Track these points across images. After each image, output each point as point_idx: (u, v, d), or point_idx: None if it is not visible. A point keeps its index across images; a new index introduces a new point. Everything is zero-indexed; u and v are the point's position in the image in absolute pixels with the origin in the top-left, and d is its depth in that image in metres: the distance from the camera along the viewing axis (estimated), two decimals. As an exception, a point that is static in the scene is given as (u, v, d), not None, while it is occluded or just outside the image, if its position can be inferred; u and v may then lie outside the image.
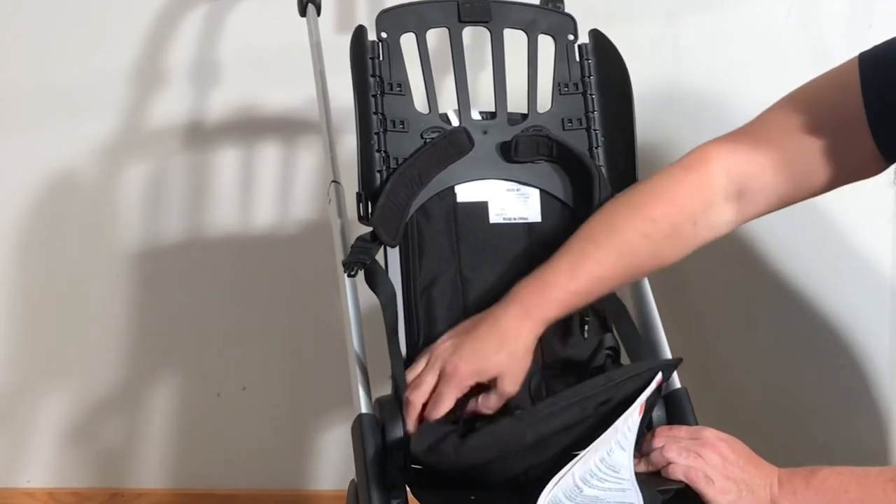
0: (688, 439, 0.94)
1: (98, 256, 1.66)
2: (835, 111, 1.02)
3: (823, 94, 1.05)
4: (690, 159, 1.06)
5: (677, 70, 1.51)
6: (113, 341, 1.68)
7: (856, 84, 1.00)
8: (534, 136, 1.09)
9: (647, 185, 1.05)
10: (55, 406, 1.71)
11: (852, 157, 1.01)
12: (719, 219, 1.04)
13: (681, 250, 1.04)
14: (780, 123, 1.04)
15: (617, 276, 1.01)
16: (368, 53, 1.08)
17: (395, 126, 1.07)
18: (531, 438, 0.88)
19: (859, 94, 0.99)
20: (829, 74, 1.05)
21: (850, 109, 1.00)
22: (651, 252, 1.02)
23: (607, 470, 0.88)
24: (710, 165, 1.04)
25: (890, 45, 1.01)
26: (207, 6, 1.56)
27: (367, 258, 0.99)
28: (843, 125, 1.01)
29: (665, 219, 1.02)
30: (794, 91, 1.06)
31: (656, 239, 1.02)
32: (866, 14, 1.45)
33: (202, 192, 1.62)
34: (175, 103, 1.60)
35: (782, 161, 1.02)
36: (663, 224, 1.02)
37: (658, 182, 1.04)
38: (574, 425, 0.90)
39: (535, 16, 1.14)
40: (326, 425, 1.68)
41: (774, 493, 0.91)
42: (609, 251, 1.00)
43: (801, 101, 1.05)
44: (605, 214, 1.04)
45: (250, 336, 1.66)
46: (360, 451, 0.92)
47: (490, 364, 0.95)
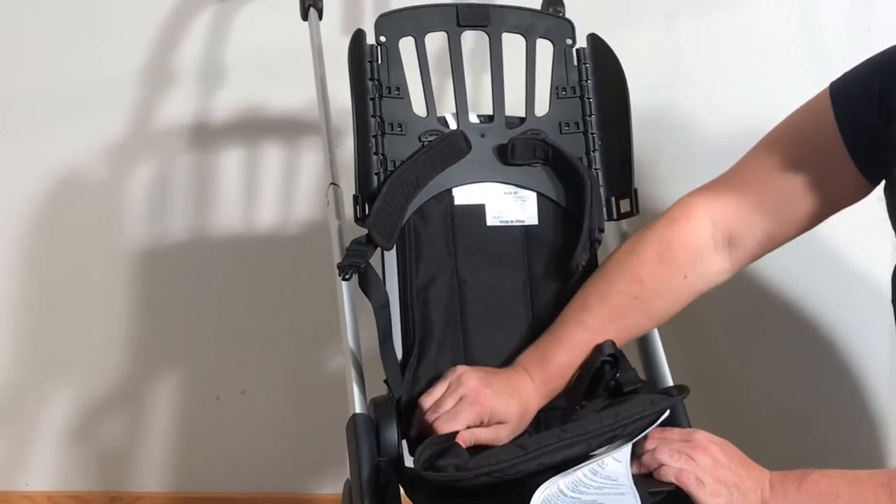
0: (680, 442, 0.94)
1: (100, 257, 1.66)
2: (812, 144, 1.03)
3: (799, 129, 1.06)
4: (674, 212, 1.07)
5: (676, 73, 1.51)
6: (113, 342, 1.68)
7: (828, 114, 1.02)
8: (530, 140, 1.10)
9: (635, 243, 1.06)
10: (55, 408, 1.71)
11: (837, 185, 1.02)
12: (711, 268, 1.05)
13: (673, 305, 1.05)
14: (759, 165, 1.06)
15: (615, 339, 1.02)
16: (367, 57, 1.08)
17: (392, 129, 1.07)
18: (533, 468, 0.88)
19: (834, 124, 1.01)
20: (801, 109, 1.07)
21: (827, 139, 1.01)
22: (643, 312, 1.04)
23: (604, 480, 0.89)
24: (694, 216, 1.05)
25: (857, 71, 1.03)
26: (213, 9, 1.56)
27: (362, 262, 0.99)
28: (823, 156, 1.02)
29: (653, 277, 1.03)
30: (770, 132, 1.08)
31: (646, 299, 1.03)
32: (866, 17, 1.45)
33: (206, 193, 1.63)
34: (180, 104, 1.60)
35: (766, 201, 1.04)
36: (652, 283, 1.03)
37: (644, 239, 1.06)
38: (577, 459, 0.90)
39: (534, 20, 1.15)
40: (326, 429, 1.67)
41: (766, 497, 0.91)
42: (602, 318, 1.02)
43: (778, 140, 1.06)
44: (598, 277, 1.06)
45: (250, 338, 1.67)
46: (354, 451, 0.92)
47: (504, 410, 0.97)
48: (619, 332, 1.03)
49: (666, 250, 1.04)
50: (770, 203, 1.03)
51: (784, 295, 1.55)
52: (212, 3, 1.56)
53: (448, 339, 1.03)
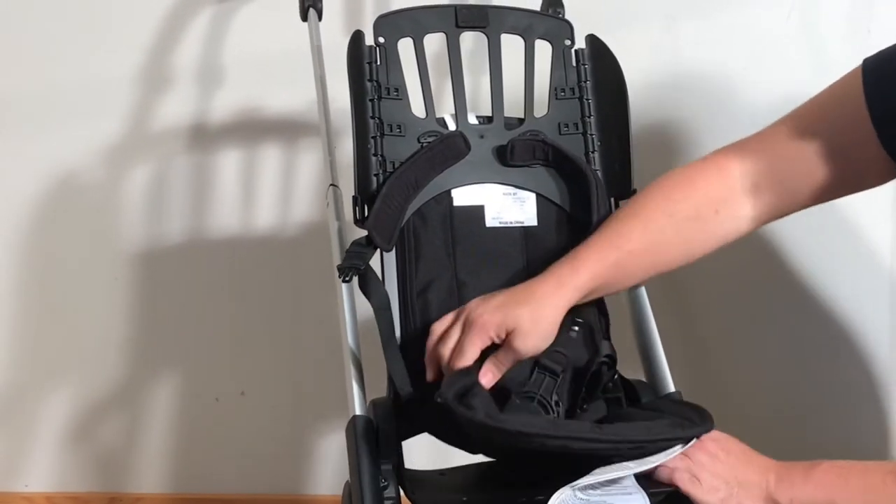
0: None
1: (99, 258, 1.66)
2: (838, 118, 1.02)
3: (827, 101, 1.05)
4: (704, 159, 1.07)
5: (676, 73, 1.51)
6: (113, 343, 1.68)
7: (858, 90, 1.00)
8: (530, 141, 1.10)
9: (667, 176, 1.06)
10: (54, 409, 1.71)
11: (858, 163, 1.01)
12: (740, 212, 1.04)
13: (706, 238, 1.04)
14: (783, 130, 1.05)
15: (647, 251, 1.02)
16: (366, 58, 1.08)
17: (391, 130, 1.07)
18: (558, 447, 0.87)
19: (863, 101, 0.99)
20: (833, 85, 1.05)
21: (854, 115, 1.00)
22: (676, 232, 1.03)
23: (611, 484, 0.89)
24: (725, 162, 1.05)
25: (892, 50, 1.01)
26: (211, 10, 1.56)
27: (362, 263, 0.99)
28: (848, 131, 1.00)
29: (687, 200, 1.03)
30: (800, 106, 1.07)
31: (680, 219, 1.03)
32: (866, 17, 1.46)
33: (204, 194, 1.63)
34: (178, 106, 1.60)
35: (785, 164, 1.03)
36: (685, 205, 1.03)
37: (677, 172, 1.06)
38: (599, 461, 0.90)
39: (532, 21, 1.15)
40: (326, 430, 1.68)
41: (771, 489, 0.90)
42: (635, 226, 1.02)
43: (806, 112, 1.06)
44: (630, 202, 1.06)
45: (250, 340, 1.66)
46: (354, 452, 0.92)
47: (511, 316, 0.95)
48: (652, 247, 1.02)
49: (700, 180, 1.05)
50: (789, 167, 1.03)
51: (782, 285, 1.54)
52: (210, 4, 1.56)
53: (448, 340, 1.03)
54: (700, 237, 1.04)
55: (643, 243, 1.02)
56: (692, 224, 1.03)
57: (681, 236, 1.03)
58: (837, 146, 1.01)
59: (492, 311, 0.95)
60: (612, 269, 1.01)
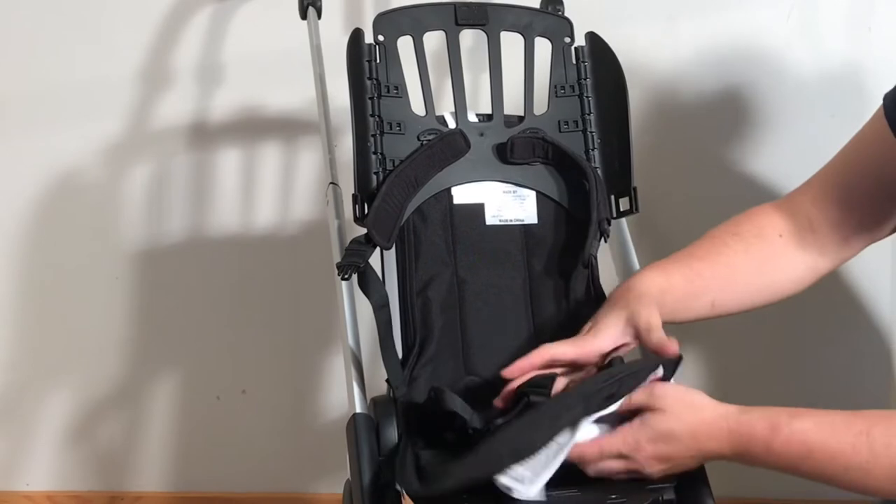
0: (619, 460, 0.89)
1: (99, 257, 1.66)
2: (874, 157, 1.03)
3: (857, 146, 1.06)
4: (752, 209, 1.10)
5: (676, 73, 1.51)
6: (113, 342, 1.68)
7: (883, 124, 1.00)
8: (529, 138, 1.09)
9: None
10: (55, 408, 1.71)
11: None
12: (800, 247, 1.05)
13: (773, 261, 1.04)
14: (821, 184, 1.07)
15: (716, 274, 1.02)
16: (365, 56, 1.08)
17: (391, 128, 1.07)
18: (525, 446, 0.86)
19: (890, 133, 1.00)
20: (860, 131, 1.07)
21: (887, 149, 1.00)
22: (744, 250, 1.04)
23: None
24: (772, 209, 1.08)
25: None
26: (211, 8, 1.56)
27: (361, 261, 0.99)
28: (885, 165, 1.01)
29: (750, 222, 1.06)
30: (832, 158, 1.08)
31: (746, 238, 1.04)
32: (866, 18, 1.45)
33: (204, 193, 1.63)
34: (177, 105, 1.60)
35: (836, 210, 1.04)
36: (749, 226, 1.05)
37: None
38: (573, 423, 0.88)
39: (532, 19, 1.14)
40: (326, 428, 1.68)
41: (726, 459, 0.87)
42: (703, 242, 1.05)
43: (839, 161, 1.07)
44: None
45: (250, 338, 1.67)
46: (355, 451, 0.92)
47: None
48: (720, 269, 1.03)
49: (756, 213, 1.08)
50: (837, 215, 1.04)
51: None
52: (209, 3, 1.56)
53: (447, 338, 1.03)
54: (766, 258, 1.05)
55: (709, 258, 1.03)
56: (757, 241, 1.04)
57: (747, 252, 1.04)
58: (880, 186, 1.02)
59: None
60: (682, 290, 1.01)
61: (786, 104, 1.48)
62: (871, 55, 1.46)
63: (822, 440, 0.84)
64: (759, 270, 1.05)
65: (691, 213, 1.54)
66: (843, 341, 1.55)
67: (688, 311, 1.03)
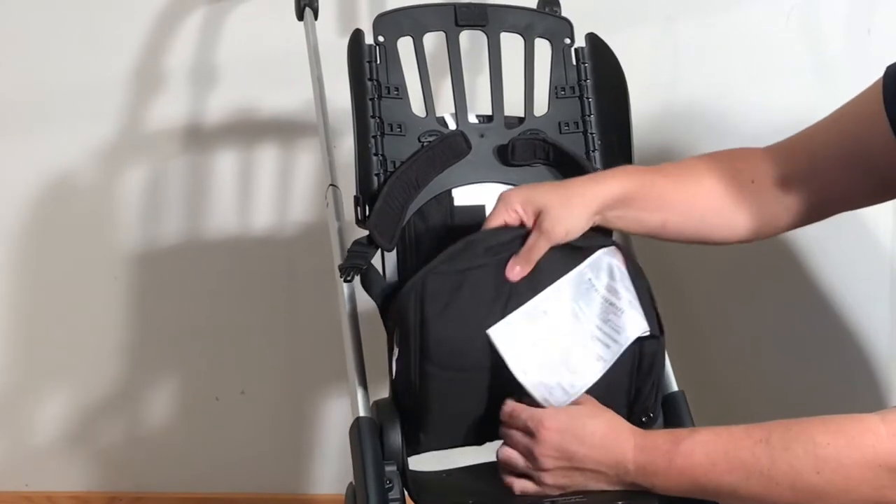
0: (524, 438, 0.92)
1: (96, 259, 1.66)
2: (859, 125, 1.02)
3: (848, 111, 1.05)
4: (735, 149, 1.09)
5: (676, 74, 1.50)
6: (111, 344, 1.68)
7: (878, 97, 1.00)
8: (530, 140, 1.09)
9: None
10: (54, 409, 1.71)
11: (885, 170, 1.00)
12: (772, 195, 1.04)
13: (741, 201, 1.04)
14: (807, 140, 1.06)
15: (680, 185, 1.03)
16: (366, 57, 1.08)
17: (392, 129, 1.07)
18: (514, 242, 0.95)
19: (881, 107, 0.99)
20: (857, 96, 1.06)
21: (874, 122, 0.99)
22: (713, 182, 1.04)
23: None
24: (756, 152, 1.08)
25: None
26: (205, 9, 1.56)
27: (364, 263, 0.99)
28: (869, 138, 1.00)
29: (727, 161, 1.06)
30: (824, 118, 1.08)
31: (718, 170, 1.04)
32: (865, 19, 1.45)
33: (200, 195, 1.62)
34: (173, 106, 1.60)
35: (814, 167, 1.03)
36: (725, 164, 1.05)
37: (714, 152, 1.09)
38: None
39: (532, 20, 1.14)
40: (325, 429, 1.68)
41: (629, 477, 0.88)
42: (671, 164, 1.07)
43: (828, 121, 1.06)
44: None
45: (249, 339, 1.66)
46: (359, 455, 0.92)
47: (540, 195, 0.98)
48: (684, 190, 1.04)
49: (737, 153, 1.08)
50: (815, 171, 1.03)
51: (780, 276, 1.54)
52: (203, 4, 1.55)
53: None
54: (735, 197, 1.03)
55: (678, 174, 1.03)
56: (729, 180, 1.03)
57: (716, 190, 1.03)
58: (860, 155, 1.01)
59: (519, 191, 0.99)
60: (643, 188, 1.01)
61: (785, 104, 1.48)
62: (871, 56, 1.46)
63: (723, 450, 0.85)
64: (719, 208, 1.04)
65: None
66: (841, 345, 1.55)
67: (637, 224, 1.04)
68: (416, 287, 0.94)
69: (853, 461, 0.82)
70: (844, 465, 0.82)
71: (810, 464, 0.82)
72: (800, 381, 1.57)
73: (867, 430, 0.83)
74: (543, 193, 0.98)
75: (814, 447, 0.83)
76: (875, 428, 0.83)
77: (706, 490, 0.86)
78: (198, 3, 1.56)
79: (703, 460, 0.85)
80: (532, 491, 0.92)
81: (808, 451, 0.83)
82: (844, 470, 0.82)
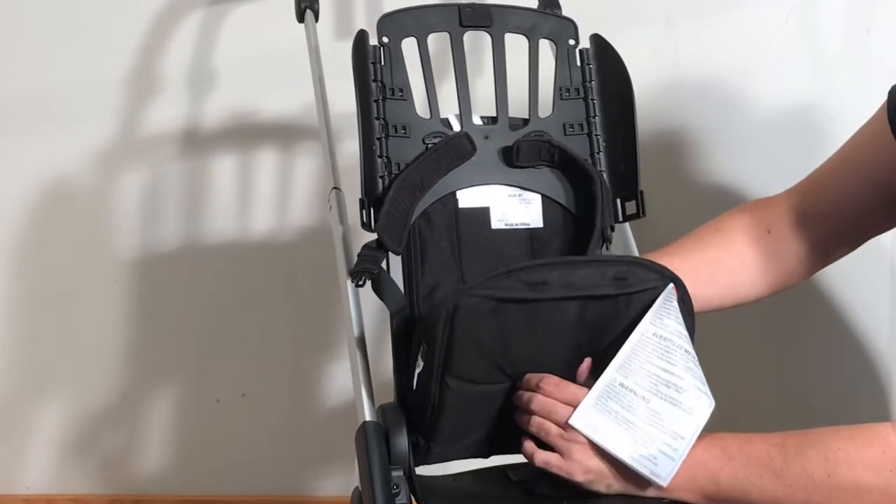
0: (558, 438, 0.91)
1: (95, 263, 1.65)
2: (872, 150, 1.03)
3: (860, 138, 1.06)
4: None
5: (677, 75, 1.50)
6: (111, 347, 1.67)
7: (883, 116, 1.01)
8: (535, 141, 1.09)
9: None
10: (54, 412, 1.71)
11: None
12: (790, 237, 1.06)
13: (762, 254, 1.06)
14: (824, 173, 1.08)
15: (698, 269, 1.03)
16: (370, 58, 1.07)
17: (396, 131, 1.06)
18: (557, 284, 0.89)
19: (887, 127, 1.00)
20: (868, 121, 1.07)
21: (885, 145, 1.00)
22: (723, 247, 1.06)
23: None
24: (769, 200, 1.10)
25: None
26: (203, 12, 1.55)
27: (375, 267, 0.98)
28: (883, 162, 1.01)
29: (738, 219, 1.08)
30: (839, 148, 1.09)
31: (727, 235, 1.07)
32: (865, 20, 1.45)
33: (199, 199, 1.62)
34: (172, 109, 1.59)
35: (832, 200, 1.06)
36: (737, 222, 1.08)
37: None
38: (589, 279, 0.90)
39: (536, 20, 1.14)
40: (326, 431, 1.68)
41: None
42: (688, 239, 1.08)
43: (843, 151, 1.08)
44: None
45: (250, 342, 1.66)
46: (365, 460, 0.91)
47: None
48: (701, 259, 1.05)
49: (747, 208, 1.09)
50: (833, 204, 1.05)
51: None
52: (202, 7, 1.55)
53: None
54: (754, 252, 1.06)
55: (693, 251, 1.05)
56: (750, 237, 1.05)
57: (739, 251, 1.06)
58: (874, 179, 1.02)
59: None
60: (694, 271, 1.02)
61: (785, 105, 1.48)
62: (870, 58, 1.46)
63: (739, 447, 0.88)
64: (738, 268, 1.06)
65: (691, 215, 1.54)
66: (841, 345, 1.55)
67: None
68: (448, 309, 0.89)
69: (864, 465, 0.84)
70: (855, 469, 0.84)
71: (822, 466, 0.84)
72: (800, 381, 1.58)
73: (877, 436, 0.85)
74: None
75: (825, 451, 0.85)
76: (885, 434, 0.85)
77: (720, 487, 0.87)
78: (196, 5, 1.55)
79: (720, 454, 0.87)
80: (554, 463, 0.90)
81: (820, 455, 0.85)
82: (855, 473, 0.84)
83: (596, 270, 0.91)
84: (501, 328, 0.90)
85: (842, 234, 1.07)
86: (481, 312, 0.89)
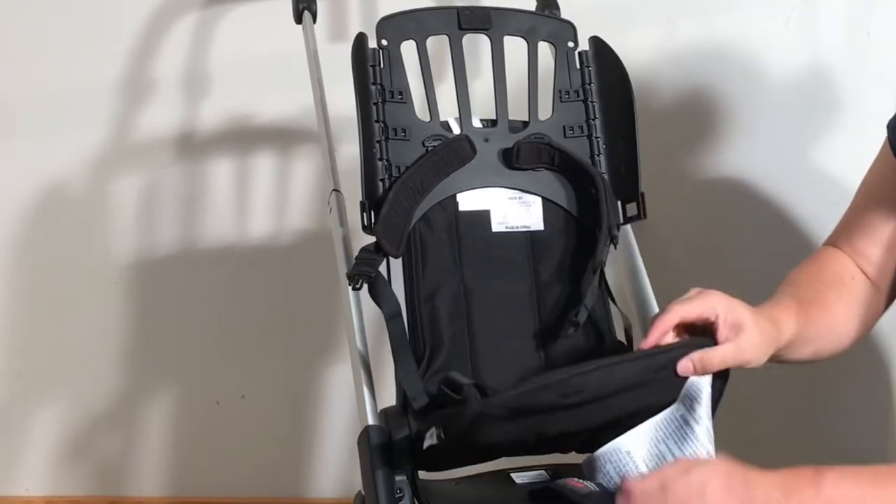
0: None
1: (93, 267, 1.65)
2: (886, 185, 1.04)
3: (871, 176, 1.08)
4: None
5: (677, 76, 1.50)
6: (110, 350, 1.67)
7: (887, 150, 1.02)
8: (535, 144, 1.09)
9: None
10: (53, 414, 1.71)
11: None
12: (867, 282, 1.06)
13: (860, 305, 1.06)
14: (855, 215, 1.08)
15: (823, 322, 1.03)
16: (369, 61, 1.07)
17: (396, 134, 1.06)
18: (594, 387, 0.85)
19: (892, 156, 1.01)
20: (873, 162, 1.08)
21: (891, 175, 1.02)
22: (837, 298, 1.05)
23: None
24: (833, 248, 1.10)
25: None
26: (199, 15, 1.55)
27: (372, 271, 0.98)
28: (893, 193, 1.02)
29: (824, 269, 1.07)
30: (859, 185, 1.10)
31: (833, 285, 1.05)
32: (865, 22, 1.46)
33: (197, 203, 1.62)
34: (168, 113, 1.59)
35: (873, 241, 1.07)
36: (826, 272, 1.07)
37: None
38: (631, 388, 0.87)
39: (535, 23, 1.14)
40: (325, 433, 1.68)
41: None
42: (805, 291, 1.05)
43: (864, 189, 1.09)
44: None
45: (249, 344, 1.66)
46: (368, 464, 0.91)
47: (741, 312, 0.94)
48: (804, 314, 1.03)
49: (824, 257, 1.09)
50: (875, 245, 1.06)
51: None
52: (196, 10, 1.55)
53: (456, 347, 1.02)
54: (854, 301, 1.06)
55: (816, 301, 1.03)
56: (835, 285, 1.05)
57: (843, 305, 1.05)
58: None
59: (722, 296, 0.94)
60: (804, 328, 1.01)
61: (786, 108, 1.49)
62: (870, 59, 1.46)
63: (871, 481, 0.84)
64: (854, 315, 1.06)
65: (691, 216, 1.54)
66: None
67: (792, 355, 1.03)
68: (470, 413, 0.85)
69: None
70: None
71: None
72: (799, 381, 1.57)
73: None
74: (744, 312, 0.94)
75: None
76: None
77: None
78: (191, 8, 1.55)
79: (853, 491, 0.83)
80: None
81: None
82: None
83: (639, 365, 0.89)
84: (528, 424, 0.87)
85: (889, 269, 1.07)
86: (505, 418, 0.86)
